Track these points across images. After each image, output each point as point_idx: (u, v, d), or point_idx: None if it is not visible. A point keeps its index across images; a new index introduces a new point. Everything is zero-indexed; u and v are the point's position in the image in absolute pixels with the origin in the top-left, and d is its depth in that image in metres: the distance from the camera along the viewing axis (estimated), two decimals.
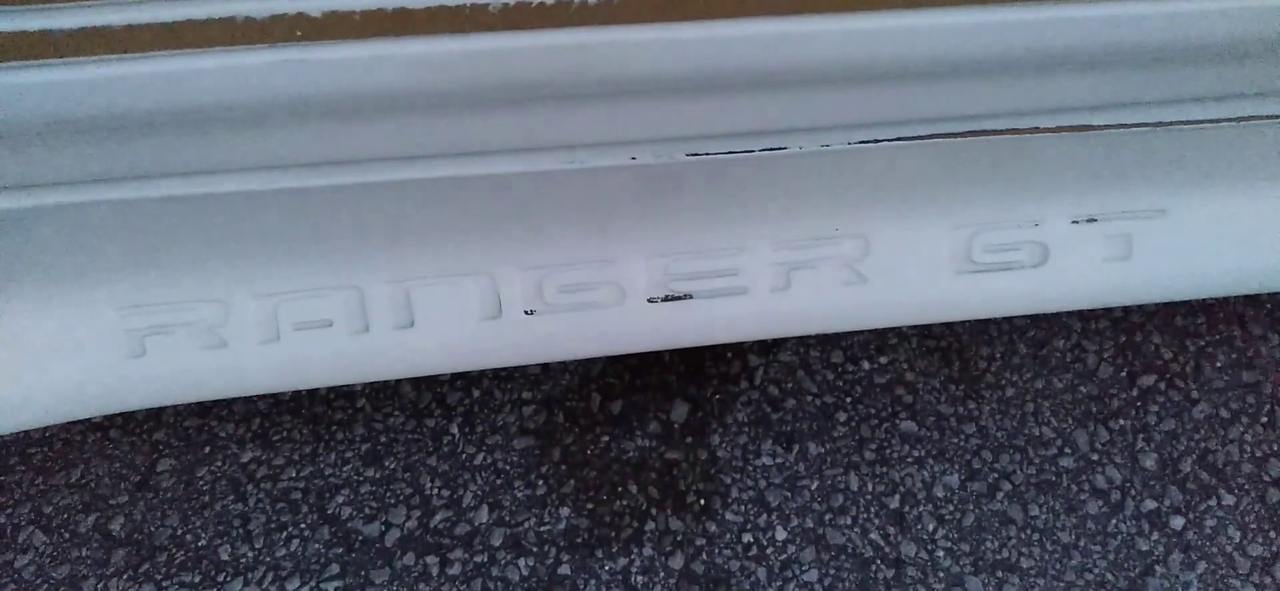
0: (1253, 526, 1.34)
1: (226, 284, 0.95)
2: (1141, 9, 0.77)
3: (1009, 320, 1.56)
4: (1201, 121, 0.90)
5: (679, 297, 0.99)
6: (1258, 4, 0.78)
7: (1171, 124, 0.90)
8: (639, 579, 1.31)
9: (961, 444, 1.42)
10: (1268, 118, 0.91)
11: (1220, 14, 0.78)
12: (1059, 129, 0.89)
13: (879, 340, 1.53)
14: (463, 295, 0.98)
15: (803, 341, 1.54)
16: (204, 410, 1.47)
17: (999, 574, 1.30)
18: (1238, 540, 1.32)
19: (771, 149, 0.87)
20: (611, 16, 0.71)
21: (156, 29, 0.69)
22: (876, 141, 0.88)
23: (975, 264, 1.01)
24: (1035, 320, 1.56)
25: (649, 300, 0.99)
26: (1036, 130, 0.89)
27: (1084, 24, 0.77)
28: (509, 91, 0.76)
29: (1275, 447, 1.40)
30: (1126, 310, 1.56)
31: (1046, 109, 0.88)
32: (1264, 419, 1.43)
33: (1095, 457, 1.40)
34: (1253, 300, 1.57)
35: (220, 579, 1.31)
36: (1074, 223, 1.01)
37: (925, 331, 1.55)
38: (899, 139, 0.88)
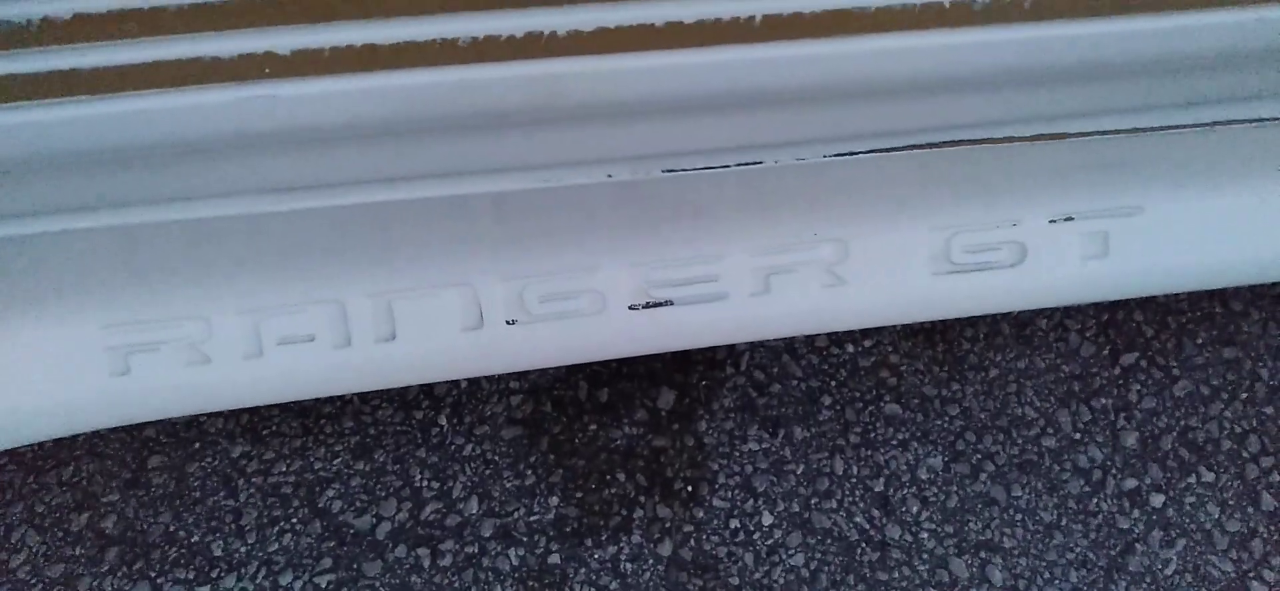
0: (1231, 502, 1.36)
1: (209, 301, 0.95)
2: (1111, 28, 0.77)
3: None
4: (1174, 127, 0.90)
5: (660, 304, 1.00)
6: (1220, 21, 0.78)
7: (1146, 130, 0.90)
8: (628, 566, 1.33)
9: (945, 426, 1.43)
10: (1237, 122, 0.91)
11: (1185, 31, 0.78)
12: (1035, 137, 0.90)
13: None
14: (444, 306, 0.98)
15: None
16: None
17: (982, 554, 1.32)
18: (1217, 516, 1.35)
19: (747, 164, 0.87)
20: (579, 47, 0.71)
21: (132, 69, 0.69)
22: (853, 153, 0.88)
23: (954, 264, 1.01)
24: None
25: (630, 307, 1.00)
26: (1012, 139, 0.89)
27: (1057, 42, 0.77)
28: (480, 119, 0.76)
29: (1254, 423, 1.42)
30: None
31: (1023, 118, 0.88)
32: (1244, 395, 1.44)
33: (1077, 437, 1.42)
34: None
35: (214, 574, 1.33)
36: (1052, 222, 1.01)
37: None
38: (875, 151, 0.88)
